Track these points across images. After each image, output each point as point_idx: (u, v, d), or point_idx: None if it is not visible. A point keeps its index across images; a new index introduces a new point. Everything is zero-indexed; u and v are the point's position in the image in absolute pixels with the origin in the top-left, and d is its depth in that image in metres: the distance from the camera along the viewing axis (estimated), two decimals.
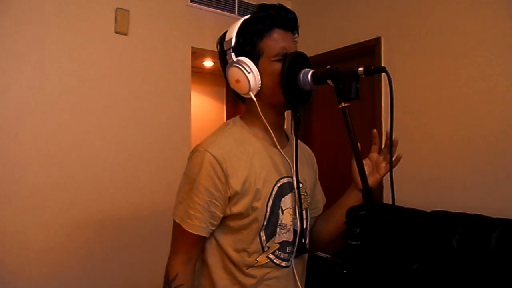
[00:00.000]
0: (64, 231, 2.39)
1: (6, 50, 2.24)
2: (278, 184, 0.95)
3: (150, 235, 2.69)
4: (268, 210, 0.92)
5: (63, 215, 2.40)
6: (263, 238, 0.93)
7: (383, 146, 1.00)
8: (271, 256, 0.95)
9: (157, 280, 1.03)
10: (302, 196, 1.00)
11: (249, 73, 0.90)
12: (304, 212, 1.03)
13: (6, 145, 2.23)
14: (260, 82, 0.92)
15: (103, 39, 2.58)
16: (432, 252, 2.16)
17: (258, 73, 0.92)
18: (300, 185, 1.00)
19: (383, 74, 0.78)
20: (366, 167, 0.97)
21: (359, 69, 0.78)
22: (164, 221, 1.10)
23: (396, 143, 0.91)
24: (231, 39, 0.93)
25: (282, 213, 0.95)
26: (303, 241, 1.00)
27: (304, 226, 1.02)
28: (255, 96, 0.93)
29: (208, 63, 4.44)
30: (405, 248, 2.27)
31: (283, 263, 0.97)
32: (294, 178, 0.98)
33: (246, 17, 0.96)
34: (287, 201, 0.97)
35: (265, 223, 0.92)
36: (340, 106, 0.80)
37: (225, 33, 0.97)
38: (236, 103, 4.22)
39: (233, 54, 0.92)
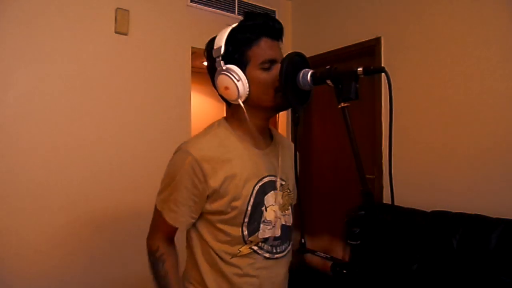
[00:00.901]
0: (64, 231, 2.39)
1: (6, 50, 2.24)
2: (260, 184, 0.99)
3: None
4: (249, 208, 0.97)
5: (63, 215, 2.40)
6: (245, 233, 0.98)
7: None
8: (254, 247, 0.99)
9: None
10: (285, 193, 1.05)
11: (238, 81, 0.93)
12: (290, 208, 1.08)
13: (6, 145, 2.23)
14: (248, 89, 0.95)
15: (103, 39, 2.58)
16: (432, 252, 2.15)
17: (246, 80, 0.94)
18: (283, 183, 1.05)
19: (383, 74, 0.78)
20: None
21: (358, 69, 0.78)
22: None
23: None
24: (220, 47, 0.95)
25: (266, 210, 1.00)
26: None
27: (292, 222, 1.08)
28: (242, 102, 0.96)
29: None
30: (405, 248, 2.27)
31: (267, 255, 1.01)
32: (278, 177, 1.03)
33: (234, 25, 0.99)
34: (269, 199, 1.01)
35: (246, 220, 0.97)
36: (339, 106, 0.80)
37: (212, 40, 1.00)
38: None
39: (222, 62, 0.95)
